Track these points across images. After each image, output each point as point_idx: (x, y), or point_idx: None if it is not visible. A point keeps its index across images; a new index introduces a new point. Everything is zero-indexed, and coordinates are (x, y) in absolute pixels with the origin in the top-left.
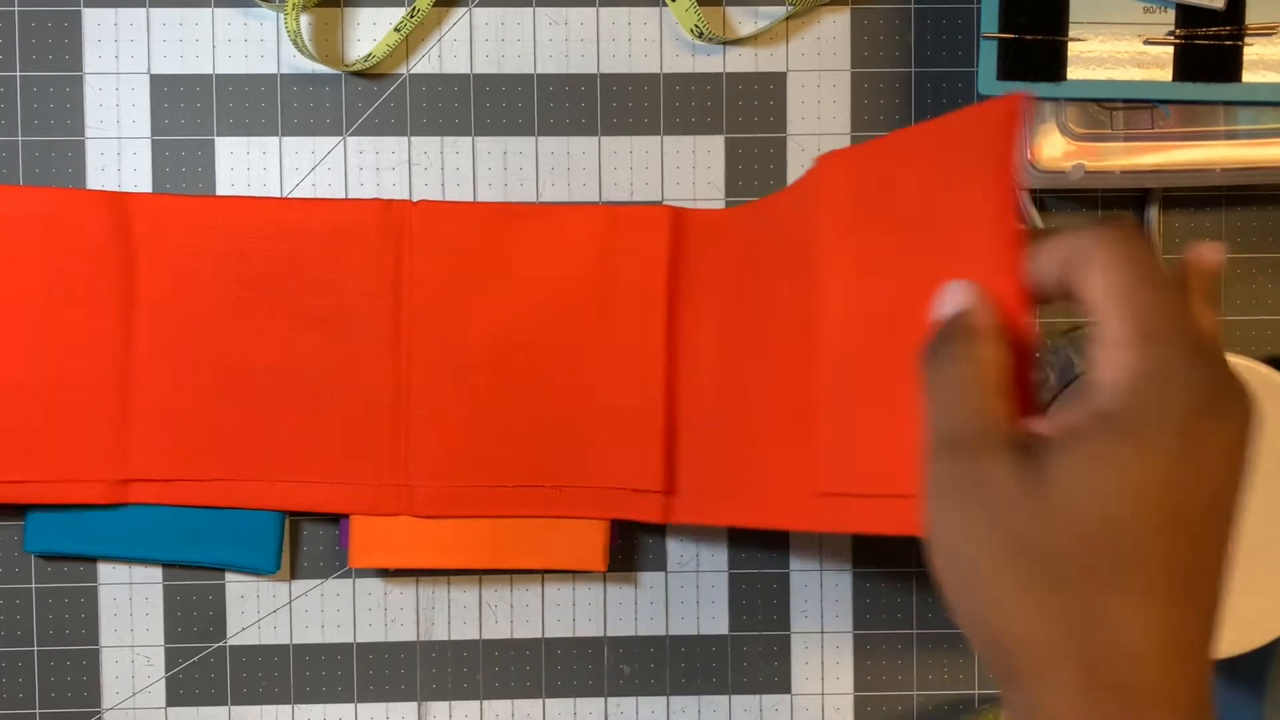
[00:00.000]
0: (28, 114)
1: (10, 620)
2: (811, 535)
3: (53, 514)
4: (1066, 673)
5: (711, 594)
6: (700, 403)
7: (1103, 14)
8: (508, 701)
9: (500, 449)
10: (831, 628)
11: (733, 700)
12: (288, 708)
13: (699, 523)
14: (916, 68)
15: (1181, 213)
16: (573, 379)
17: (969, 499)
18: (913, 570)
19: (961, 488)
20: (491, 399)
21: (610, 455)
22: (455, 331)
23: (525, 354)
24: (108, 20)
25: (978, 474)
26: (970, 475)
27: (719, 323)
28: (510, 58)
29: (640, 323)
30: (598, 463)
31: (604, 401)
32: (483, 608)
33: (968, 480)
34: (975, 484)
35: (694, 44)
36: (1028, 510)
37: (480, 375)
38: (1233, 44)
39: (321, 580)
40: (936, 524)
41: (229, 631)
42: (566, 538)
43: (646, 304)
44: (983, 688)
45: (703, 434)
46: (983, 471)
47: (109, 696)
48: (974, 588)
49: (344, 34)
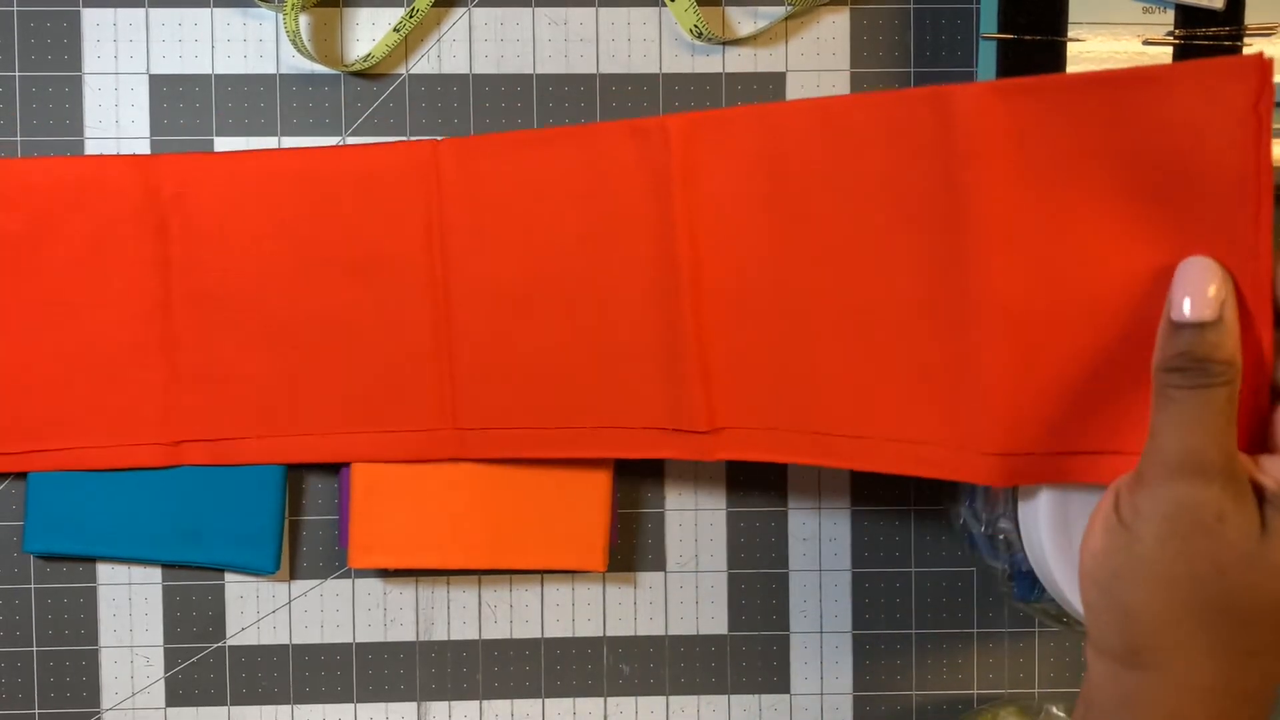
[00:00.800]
0: (27, 114)
1: (10, 620)
2: (811, 533)
3: (53, 514)
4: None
5: (711, 594)
6: (742, 330)
7: (1102, 14)
8: (507, 701)
9: (540, 389)
10: (830, 627)
11: (732, 700)
12: (287, 708)
13: (748, 459)
14: (916, 68)
15: None
16: (600, 312)
17: (1201, 527)
18: (911, 570)
19: (1200, 515)
20: (529, 337)
21: (644, 392)
22: (488, 269)
23: (556, 287)
24: (107, 20)
25: (1222, 509)
26: (1215, 508)
27: (753, 238)
28: (510, 58)
29: (661, 244)
30: (633, 401)
31: (631, 334)
32: (482, 608)
33: (1211, 512)
34: (1217, 518)
35: (693, 44)
36: (1248, 559)
37: (516, 313)
38: (1232, 44)
39: (321, 580)
40: (1152, 534)
41: (228, 632)
42: (566, 538)
43: (666, 223)
44: (981, 688)
45: (747, 364)
46: (1225, 507)
47: (108, 697)
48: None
49: (343, 34)
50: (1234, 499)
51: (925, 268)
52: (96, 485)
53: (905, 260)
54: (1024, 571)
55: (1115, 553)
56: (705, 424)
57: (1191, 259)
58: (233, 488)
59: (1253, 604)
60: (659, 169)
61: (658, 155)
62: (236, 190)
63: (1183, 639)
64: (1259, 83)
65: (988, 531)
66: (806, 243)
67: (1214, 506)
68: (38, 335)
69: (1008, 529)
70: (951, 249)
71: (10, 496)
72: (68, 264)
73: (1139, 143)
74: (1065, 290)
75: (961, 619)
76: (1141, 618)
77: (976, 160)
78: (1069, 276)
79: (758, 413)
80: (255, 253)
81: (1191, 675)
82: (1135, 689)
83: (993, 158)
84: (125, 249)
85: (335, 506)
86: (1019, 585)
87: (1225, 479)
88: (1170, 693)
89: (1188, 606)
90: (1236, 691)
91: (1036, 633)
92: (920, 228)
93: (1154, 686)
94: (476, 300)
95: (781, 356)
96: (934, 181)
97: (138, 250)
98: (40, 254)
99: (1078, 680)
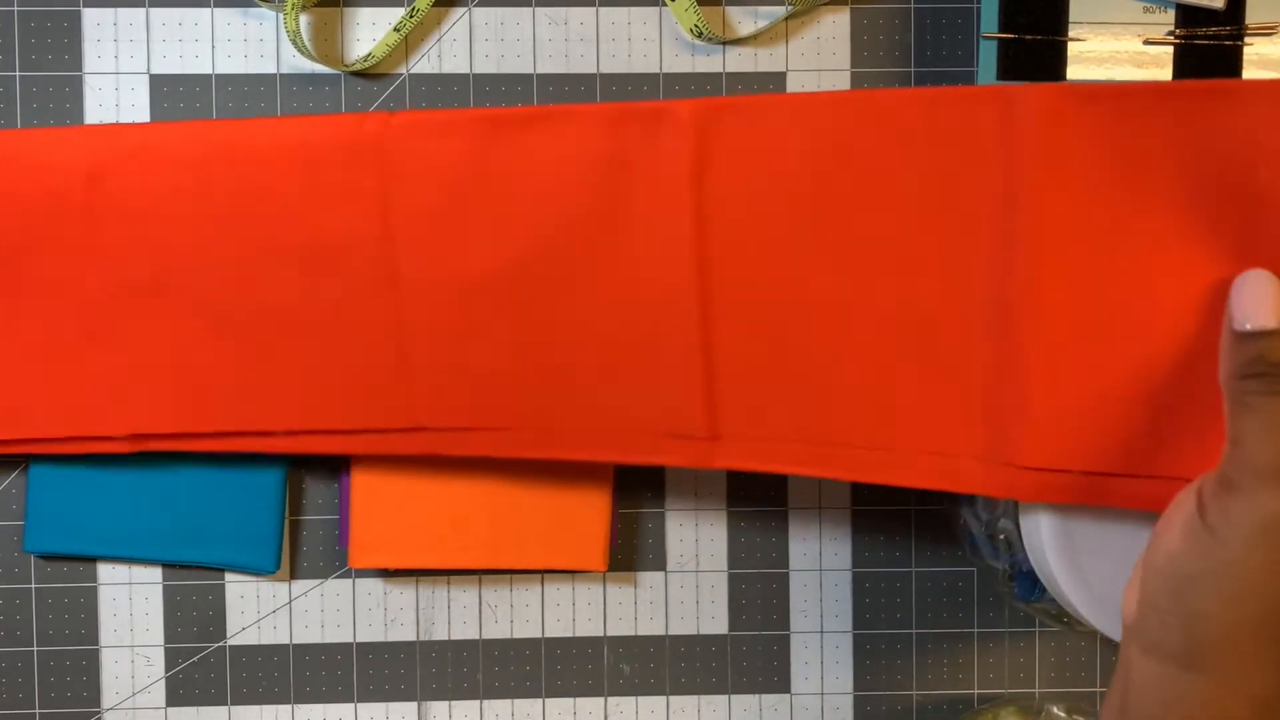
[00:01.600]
0: (27, 114)
1: (10, 620)
2: (811, 533)
3: (53, 514)
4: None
5: (711, 594)
6: (753, 331)
7: (1103, 14)
8: (507, 701)
9: (514, 387)
10: (831, 627)
11: (732, 700)
12: (287, 708)
13: (750, 469)
14: (916, 68)
15: None
16: (589, 307)
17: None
18: (911, 570)
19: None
20: (500, 331)
21: (640, 392)
22: (453, 258)
23: (533, 280)
24: (107, 20)
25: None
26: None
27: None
28: (510, 58)
29: (663, 236)
30: (626, 402)
31: (627, 329)
32: (483, 608)
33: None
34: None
35: (694, 44)
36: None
37: (485, 307)
38: (1233, 44)
39: (321, 580)
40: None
41: (229, 631)
42: (566, 538)
43: (669, 214)
44: (981, 688)
45: (756, 368)
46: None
47: (109, 697)
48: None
49: (343, 34)
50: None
51: (968, 273)
52: (97, 485)
53: (946, 264)
54: (1024, 571)
55: (1197, 557)
56: (704, 429)
57: (1250, 271)
58: (233, 488)
59: None
60: (666, 157)
61: (666, 143)
62: (163, 168)
63: (1251, 649)
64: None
65: (988, 531)
66: (835, 244)
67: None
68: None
69: (1008, 529)
70: (999, 254)
71: (10, 496)
72: (11, 248)
73: (1201, 156)
74: (1117, 303)
75: (961, 619)
76: (1213, 623)
77: (1034, 165)
78: (1122, 289)
79: (766, 421)
80: (189, 237)
81: (1250, 684)
82: (1188, 691)
83: (1051, 164)
84: (54, 231)
85: (335, 506)
86: (1019, 585)
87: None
88: (1224, 698)
89: (1264, 618)
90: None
91: (1037, 633)
92: (967, 231)
93: (1207, 690)
94: (437, 290)
95: (797, 363)
96: (987, 185)
97: (64, 233)
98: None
99: (1078, 680)
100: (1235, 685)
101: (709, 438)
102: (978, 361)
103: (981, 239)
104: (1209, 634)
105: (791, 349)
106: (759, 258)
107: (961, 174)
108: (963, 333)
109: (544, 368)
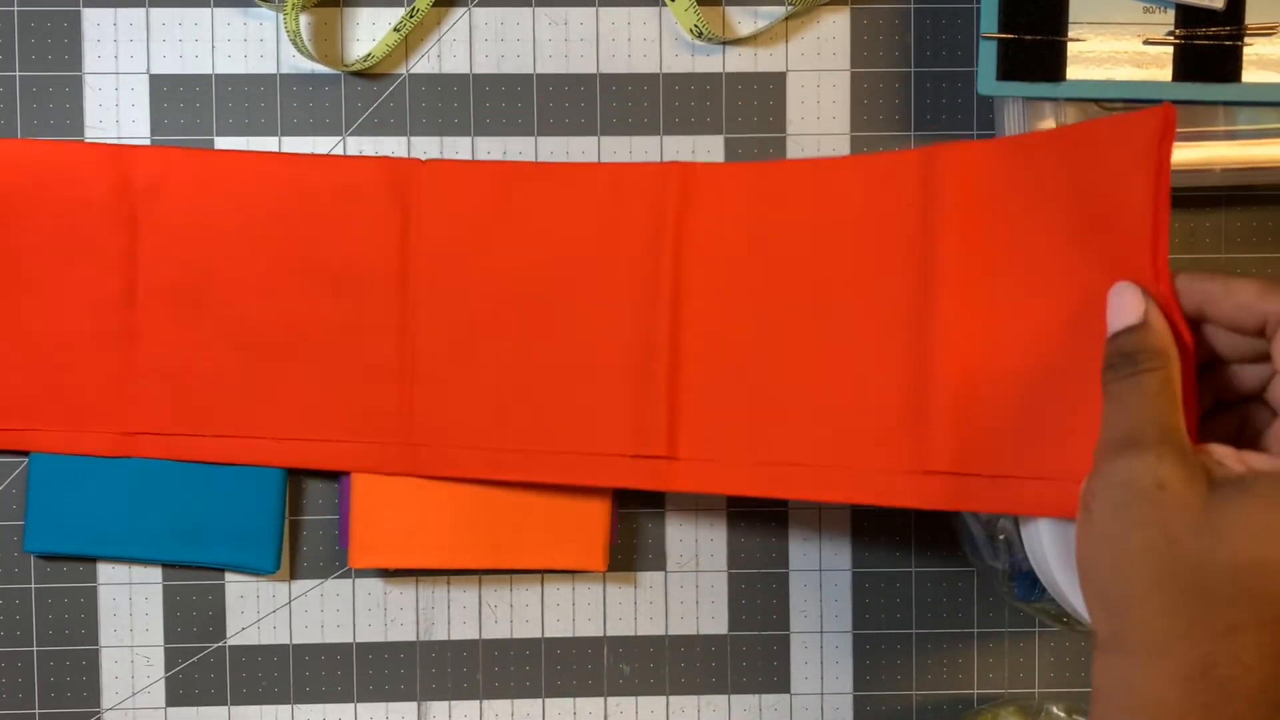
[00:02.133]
0: (27, 114)
1: (10, 620)
2: (811, 533)
3: (53, 514)
4: (1183, 664)
5: (711, 594)
6: (714, 366)
7: (1103, 14)
8: (507, 701)
9: (504, 411)
10: (831, 627)
11: (732, 700)
12: (287, 708)
13: (706, 491)
14: (916, 68)
15: (1181, 213)
16: (575, 340)
17: (1143, 497)
18: (911, 570)
19: (1140, 486)
20: (495, 359)
21: (613, 419)
22: (461, 291)
23: (530, 314)
24: (107, 20)
25: (1160, 477)
26: (1152, 476)
27: (738, 281)
28: (510, 58)
29: (645, 281)
30: (601, 427)
31: (606, 363)
32: (483, 608)
33: (1149, 481)
34: (1156, 486)
35: (693, 44)
36: (1195, 525)
37: (485, 335)
38: (1232, 44)
39: (321, 580)
40: (1103, 509)
41: (229, 631)
42: (566, 538)
43: (652, 262)
44: (981, 688)
45: (716, 397)
46: (1163, 475)
47: (109, 697)
48: (1124, 572)
49: (343, 34)
50: (1173, 467)
51: (893, 309)
52: (97, 485)
53: (877, 304)
54: (1024, 571)
55: (1083, 540)
56: (665, 450)
57: (1118, 284)
58: (233, 488)
59: (1210, 574)
60: (650, 211)
61: (654, 199)
62: (211, 188)
63: (1150, 617)
64: (1163, 125)
65: (987, 532)
66: (789, 289)
67: (1151, 475)
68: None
69: (1007, 529)
70: (919, 295)
71: (10, 496)
72: (33, 247)
73: (1077, 191)
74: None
75: (961, 619)
76: (1111, 597)
77: (948, 213)
78: (1022, 313)
79: (724, 447)
80: (224, 252)
81: (1167, 660)
82: (1118, 674)
83: (962, 210)
84: (91, 236)
85: (335, 506)
86: (1019, 585)
87: (1161, 449)
88: (1150, 679)
89: (1148, 582)
90: (1219, 679)
91: (1036, 633)
92: (891, 274)
93: (1135, 671)
94: (443, 320)
95: (752, 393)
96: (906, 232)
97: (104, 239)
98: (5, 235)
99: (1078, 680)
100: (1158, 662)
101: (669, 458)
102: (903, 385)
103: (904, 280)
104: (1112, 610)
105: (748, 381)
106: (723, 301)
107: (888, 225)
108: (890, 361)
109: (530, 394)
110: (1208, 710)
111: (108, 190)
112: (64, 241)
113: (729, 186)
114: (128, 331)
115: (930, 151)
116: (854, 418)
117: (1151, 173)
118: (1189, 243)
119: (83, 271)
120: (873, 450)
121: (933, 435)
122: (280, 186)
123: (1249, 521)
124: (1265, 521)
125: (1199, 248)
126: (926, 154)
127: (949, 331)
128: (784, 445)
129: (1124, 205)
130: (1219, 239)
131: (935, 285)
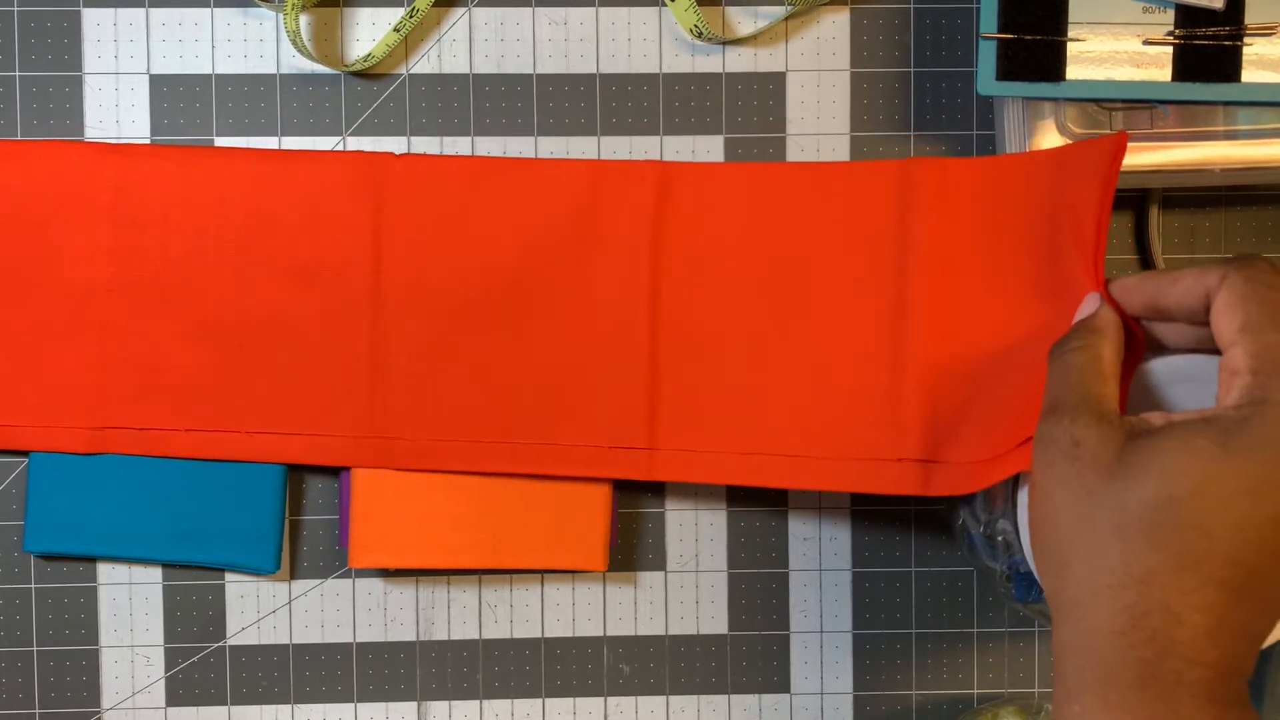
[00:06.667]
0: (27, 114)
1: (10, 620)
2: (811, 533)
3: (53, 514)
4: (1113, 615)
5: (711, 594)
6: (693, 358)
7: (1102, 14)
8: (507, 701)
9: (481, 403)
10: (830, 627)
11: (732, 700)
12: (287, 708)
13: (686, 480)
14: (916, 68)
15: (1181, 213)
16: (553, 333)
17: (1063, 454)
18: (911, 570)
19: (1059, 444)
20: (471, 352)
21: (592, 411)
22: (434, 284)
23: (505, 308)
24: (107, 20)
25: (1075, 435)
26: (1068, 435)
27: (718, 276)
28: (510, 58)
29: (622, 276)
30: (579, 418)
31: (585, 356)
32: (482, 608)
33: (1066, 439)
34: (1072, 444)
35: (693, 44)
36: (1108, 473)
37: (459, 328)
38: (1232, 44)
39: (321, 580)
40: (1036, 471)
41: (229, 631)
42: (567, 537)
43: (629, 257)
44: (981, 688)
45: (696, 390)
46: (1078, 434)
47: (109, 696)
48: (1054, 527)
49: (343, 34)
50: (1087, 427)
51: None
52: (97, 485)
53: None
54: (1022, 573)
55: (1029, 505)
56: (645, 441)
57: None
58: (233, 488)
59: (1124, 516)
60: (630, 208)
61: (632, 196)
62: (184, 182)
63: (1079, 571)
64: (1115, 150)
65: (986, 532)
66: (767, 286)
67: (1068, 435)
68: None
69: (1006, 530)
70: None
71: (10, 496)
72: (5, 240)
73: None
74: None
75: (961, 619)
76: (1049, 556)
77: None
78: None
79: (703, 437)
80: (197, 246)
81: (1098, 611)
82: (1062, 637)
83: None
84: (63, 230)
85: (335, 506)
86: (1017, 586)
87: (1076, 412)
88: (1087, 635)
89: (1073, 535)
90: (1150, 630)
91: (1036, 633)
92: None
93: (1073, 629)
94: (417, 314)
95: (732, 385)
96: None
97: (77, 233)
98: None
99: None
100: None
101: (649, 448)
102: (877, 378)
103: (880, 279)
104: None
105: (726, 374)
106: (702, 296)
107: (866, 227)
108: (865, 355)
109: (507, 387)
110: (1144, 666)
111: (83, 184)
112: (36, 235)
113: (708, 185)
114: (100, 325)
115: (908, 162)
116: (830, 410)
117: (1099, 188)
118: (1189, 243)
119: (54, 265)
120: (848, 440)
121: (905, 425)
122: (254, 181)
123: (1159, 460)
124: (1175, 460)
125: (1199, 248)
126: (904, 164)
127: (920, 329)
128: (762, 436)
129: (1076, 217)
130: (1219, 239)
131: (907, 285)
